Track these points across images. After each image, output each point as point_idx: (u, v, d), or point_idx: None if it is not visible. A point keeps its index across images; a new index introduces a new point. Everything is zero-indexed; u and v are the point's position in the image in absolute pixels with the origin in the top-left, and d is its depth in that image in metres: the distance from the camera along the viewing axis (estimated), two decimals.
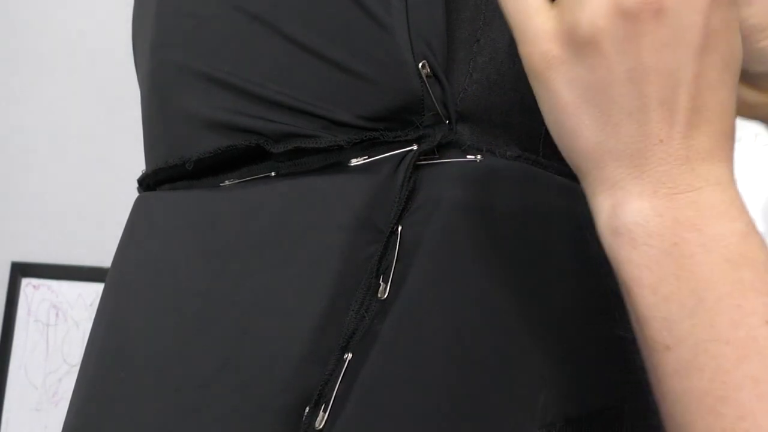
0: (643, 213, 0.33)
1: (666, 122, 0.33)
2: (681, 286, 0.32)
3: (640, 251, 0.33)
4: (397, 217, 0.42)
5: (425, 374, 0.41)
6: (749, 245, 0.33)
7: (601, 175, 0.35)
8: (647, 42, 0.32)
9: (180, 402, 0.43)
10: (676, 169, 0.33)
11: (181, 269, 0.46)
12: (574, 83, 0.34)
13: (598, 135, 0.34)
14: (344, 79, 0.43)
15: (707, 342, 0.32)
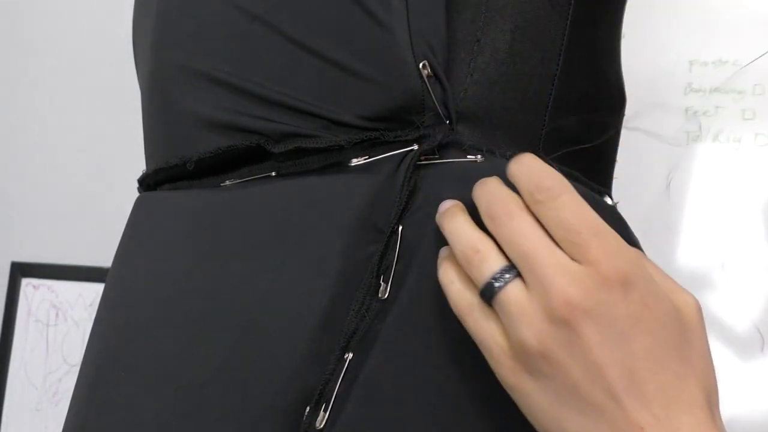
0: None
1: (639, 408, 0.34)
2: None
3: None
4: (398, 217, 0.42)
5: (425, 374, 0.41)
6: None
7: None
8: (587, 341, 0.34)
9: (180, 402, 0.43)
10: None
11: (181, 269, 0.46)
12: (545, 390, 0.36)
13: (584, 429, 0.35)
14: (345, 79, 0.43)
15: None
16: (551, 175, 0.37)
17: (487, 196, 0.38)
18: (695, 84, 1.35)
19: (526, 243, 0.36)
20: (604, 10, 0.49)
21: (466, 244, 0.38)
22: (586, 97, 0.47)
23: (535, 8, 0.45)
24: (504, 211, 0.37)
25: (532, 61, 0.45)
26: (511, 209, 0.37)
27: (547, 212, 0.36)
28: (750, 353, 1.27)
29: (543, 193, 0.36)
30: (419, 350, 0.41)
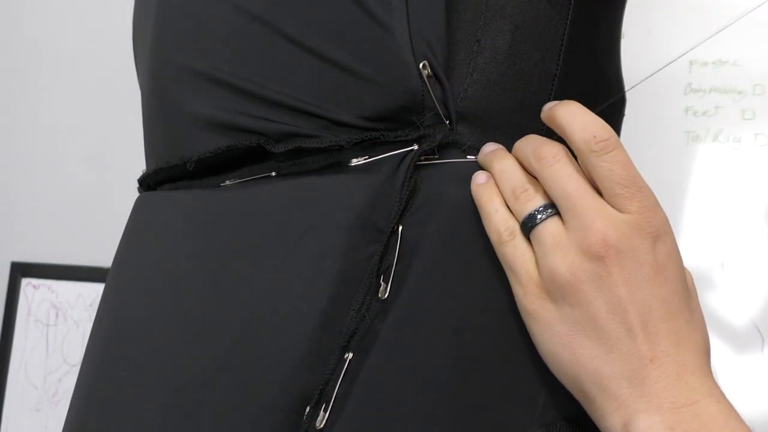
0: (654, 427, 0.36)
1: (651, 344, 0.37)
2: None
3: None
4: (398, 217, 0.42)
5: (425, 373, 0.41)
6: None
7: (605, 397, 0.38)
8: (615, 278, 0.38)
9: (180, 401, 0.43)
10: (671, 384, 0.37)
11: (181, 269, 0.46)
12: (564, 318, 0.39)
13: (594, 362, 0.38)
14: (345, 79, 0.43)
15: None
16: (606, 127, 0.40)
17: (533, 141, 0.42)
18: (695, 84, 1.35)
19: (571, 184, 0.39)
20: (604, 10, 0.49)
21: (517, 181, 0.42)
22: (586, 96, 0.47)
23: (535, 8, 0.45)
24: (551, 153, 0.41)
25: (532, 61, 0.45)
26: (557, 152, 0.41)
27: (599, 162, 0.39)
28: (750, 352, 1.27)
29: (600, 144, 0.39)
30: (419, 350, 0.41)
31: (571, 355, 0.38)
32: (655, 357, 0.37)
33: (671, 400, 0.36)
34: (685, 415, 0.36)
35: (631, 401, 0.37)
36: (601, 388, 0.38)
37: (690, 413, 0.36)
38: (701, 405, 0.36)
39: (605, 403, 0.38)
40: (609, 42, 0.50)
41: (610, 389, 0.38)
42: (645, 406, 0.37)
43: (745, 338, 1.27)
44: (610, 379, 0.38)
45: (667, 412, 0.36)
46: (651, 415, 0.36)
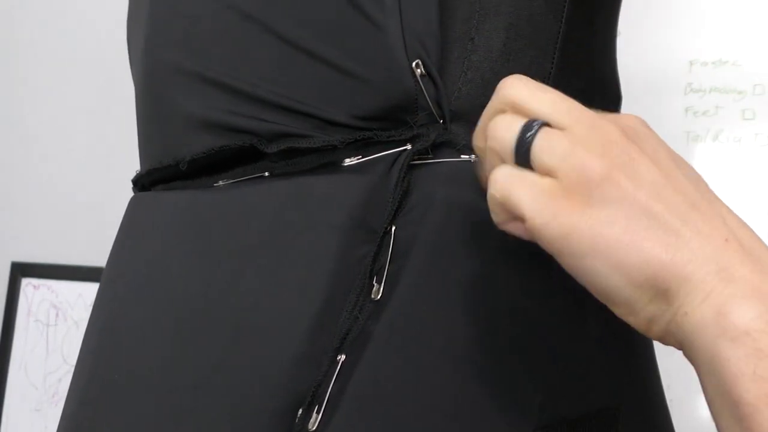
0: (757, 312, 0.31)
1: (713, 225, 0.33)
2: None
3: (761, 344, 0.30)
4: (391, 217, 0.42)
5: (419, 375, 0.40)
6: None
7: (689, 288, 0.33)
8: (646, 160, 0.34)
9: (174, 403, 0.43)
10: (759, 267, 0.32)
11: (174, 270, 0.46)
12: (614, 218, 0.33)
13: (668, 251, 0.33)
14: (338, 78, 0.43)
15: None
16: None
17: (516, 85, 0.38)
18: (695, 84, 1.35)
19: (551, 92, 0.37)
20: (599, 8, 0.49)
21: (493, 126, 0.37)
22: (582, 95, 0.47)
23: (529, 6, 0.44)
24: (506, 84, 0.38)
25: (527, 59, 0.44)
26: (512, 81, 0.38)
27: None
28: None
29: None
30: (412, 351, 0.41)
31: (639, 254, 0.33)
32: (730, 234, 0.33)
33: (765, 275, 0.32)
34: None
35: (722, 287, 0.32)
36: (683, 280, 0.33)
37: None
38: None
39: (690, 296, 0.32)
40: (604, 39, 0.50)
41: (695, 276, 0.32)
42: (740, 290, 0.31)
43: None
44: (691, 267, 0.32)
45: (766, 297, 0.31)
46: (748, 299, 0.31)
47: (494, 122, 0.37)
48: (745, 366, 0.30)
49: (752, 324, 0.31)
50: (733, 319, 0.31)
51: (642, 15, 1.34)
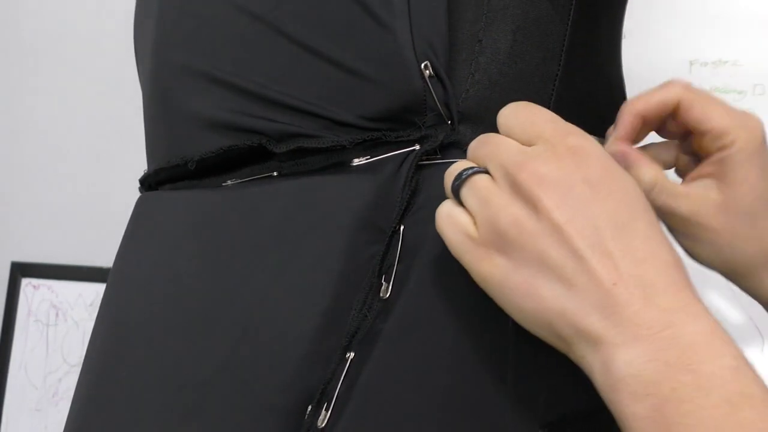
0: (634, 363, 0.33)
1: (609, 265, 0.35)
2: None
3: (643, 404, 0.33)
4: (399, 216, 0.42)
5: (427, 373, 0.41)
6: (743, 380, 0.33)
7: (580, 336, 0.35)
8: (550, 206, 0.36)
9: (182, 401, 0.43)
10: (642, 309, 0.34)
11: (182, 269, 0.46)
12: (518, 266, 0.36)
13: (559, 301, 0.35)
14: (347, 79, 0.43)
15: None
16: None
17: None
18: (695, 84, 1.35)
19: (489, 145, 0.39)
20: (605, 11, 0.49)
21: (447, 173, 0.40)
22: (588, 97, 0.47)
23: (536, 9, 0.45)
24: (476, 141, 0.41)
25: (534, 62, 0.45)
26: (480, 137, 0.41)
27: (501, 121, 0.40)
28: (750, 352, 1.27)
29: (502, 114, 0.41)
30: (420, 349, 0.41)
31: (536, 302, 0.36)
32: (619, 280, 0.34)
33: (646, 327, 0.33)
34: (663, 342, 0.33)
35: (606, 336, 0.34)
36: (574, 329, 0.35)
37: (668, 339, 0.33)
38: (678, 327, 0.33)
39: (582, 344, 0.35)
40: (610, 42, 0.50)
41: (582, 326, 0.35)
42: (621, 338, 0.34)
43: (745, 338, 1.27)
44: (580, 315, 0.35)
45: (644, 341, 0.33)
46: (629, 348, 0.33)
47: (449, 170, 0.40)
48: (627, 409, 0.33)
49: (625, 370, 0.33)
50: (612, 369, 0.34)
51: (642, 15, 1.34)
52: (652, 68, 1.40)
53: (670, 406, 0.32)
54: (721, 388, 0.32)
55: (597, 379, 0.35)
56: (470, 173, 0.39)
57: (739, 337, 1.27)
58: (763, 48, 1.32)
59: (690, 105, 0.43)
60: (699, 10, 1.35)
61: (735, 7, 1.34)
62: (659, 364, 0.33)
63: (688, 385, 0.32)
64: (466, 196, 0.38)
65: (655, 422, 0.33)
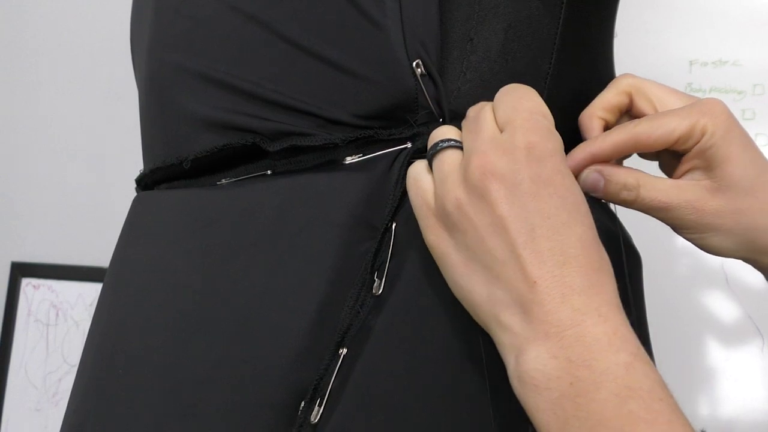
0: (540, 358, 0.35)
1: (535, 264, 0.36)
2: (582, 427, 0.34)
3: (544, 396, 0.35)
4: (392, 213, 0.42)
5: (419, 368, 0.41)
6: (633, 376, 0.34)
7: (499, 326, 0.37)
8: (494, 198, 0.37)
9: (178, 398, 0.43)
10: (556, 307, 0.35)
11: (178, 267, 0.47)
12: (458, 247, 0.39)
13: (487, 287, 0.37)
14: (339, 77, 0.43)
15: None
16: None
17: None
18: (695, 84, 1.35)
19: (476, 121, 0.40)
20: (596, 9, 0.49)
21: (435, 132, 0.42)
22: (579, 95, 0.47)
23: (527, 7, 0.45)
24: (473, 108, 0.42)
25: (525, 60, 0.45)
26: (477, 108, 0.42)
27: (496, 103, 0.41)
28: (750, 352, 1.27)
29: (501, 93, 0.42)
30: (413, 345, 0.41)
31: (468, 283, 0.38)
32: (540, 278, 0.36)
33: (556, 325, 0.35)
34: (569, 340, 0.35)
35: (521, 330, 0.36)
36: (494, 317, 0.37)
37: (574, 337, 0.35)
38: (585, 327, 0.35)
39: (502, 335, 0.37)
40: (602, 40, 0.50)
41: (501, 317, 0.37)
42: (533, 334, 0.36)
43: (745, 338, 1.27)
44: (502, 305, 0.37)
45: (552, 338, 0.35)
46: (538, 344, 0.35)
47: (440, 127, 0.42)
48: (531, 401, 0.36)
49: (531, 364, 0.35)
50: (521, 362, 0.36)
51: (642, 15, 1.35)
52: (652, 68, 1.40)
53: (568, 400, 0.34)
54: (612, 382, 0.34)
55: (509, 369, 0.37)
56: (444, 146, 0.40)
57: (739, 336, 1.27)
58: (763, 48, 1.32)
59: (641, 89, 0.45)
60: (699, 10, 1.35)
61: (735, 7, 1.34)
62: (562, 360, 0.35)
63: (584, 380, 0.34)
64: (434, 168, 0.41)
65: (554, 414, 0.34)
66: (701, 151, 0.43)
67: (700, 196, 0.43)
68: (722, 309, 1.28)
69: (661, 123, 0.42)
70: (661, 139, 0.43)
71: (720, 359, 1.26)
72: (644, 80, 0.46)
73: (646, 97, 0.45)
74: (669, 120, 0.43)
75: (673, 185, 0.43)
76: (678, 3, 1.37)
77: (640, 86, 0.46)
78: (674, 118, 0.43)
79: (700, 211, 0.43)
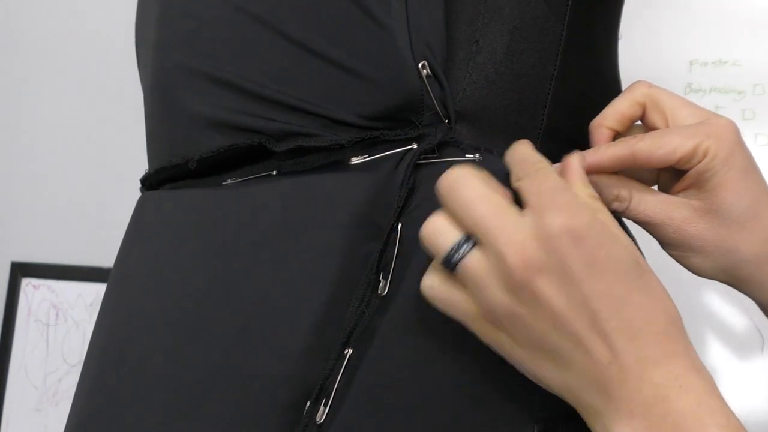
0: (629, 428, 0.35)
1: (605, 345, 0.36)
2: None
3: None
4: (397, 214, 0.42)
5: (424, 368, 0.41)
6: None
7: (582, 407, 0.37)
8: (546, 294, 0.36)
9: (182, 397, 0.43)
10: (636, 385, 0.35)
11: (183, 267, 0.47)
12: (519, 343, 0.38)
13: (561, 376, 0.37)
14: (345, 78, 0.43)
15: None
16: (530, 156, 0.40)
17: (445, 178, 0.39)
18: (695, 84, 1.35)
19: (477, 208, 0.37)
20: (601, 11, 0.49)
21: (427, 227, 0.39)
22: (584, 97, 0.47)
23: (532, 9, 0.45)
24: (450, 178, 0.38)
25: (530, 62, 0.45)
26: (458, 176, 0.38)
27: (518, 183, 0.39)
28: (750, 353, 1.28)
29: (524, 167, 0.39)
30: (418, 345, 0.41)
31: (538, 374, 0.38)
32: (614, 358, 0.36)
33: (640, 404, 0.35)
34: (656, 417, 0.35)
35: (604, 409, 0.36)
36: (575, 401, 0.37)
37: (660, 414, 0.35)
38: (670, 402, 0.35)
39: (584, 413, 0.38)
40: (606, 42, 0.51)
41: (582, 400, 0.37)
42: (616, 414, 0.36)
43: (745, 338, 1.28)
44: (580, 391, 0.37)
45: (638, 417, 0.35)
46: (625, 423, 0.35)
47: (433, 224, 0.39)
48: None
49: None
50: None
51: (642, 15, 1.35)
52: (652, 68, 1.40)
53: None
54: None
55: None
56: (460, 257, 0.37)
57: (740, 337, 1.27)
58: (763, 48, 1.32)
59: (655, 100, 0.45)
60: (699, 10, 1.35)
61: (735, 7, 1.34)
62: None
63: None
64: (463, 275, 0.38)
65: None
66: (699, 173, 0.42)
67: (686, 216, 0.43)
68: (722, 309, 1.28)
69: (664, 143, 0.42)
70: (661, 159, 0.42)
71: (720, 360, 1.26)
72: (659, 90, 0.45)
73: (660, 110, 0.45)
74: (672, 139, 0.42)
75: (663, 201, 0.43)
76: (678, 3, 1.37)
77: (655, 97, 0.45)
78: (678, 137, 0.42)
79: (682, 231, 0.43)
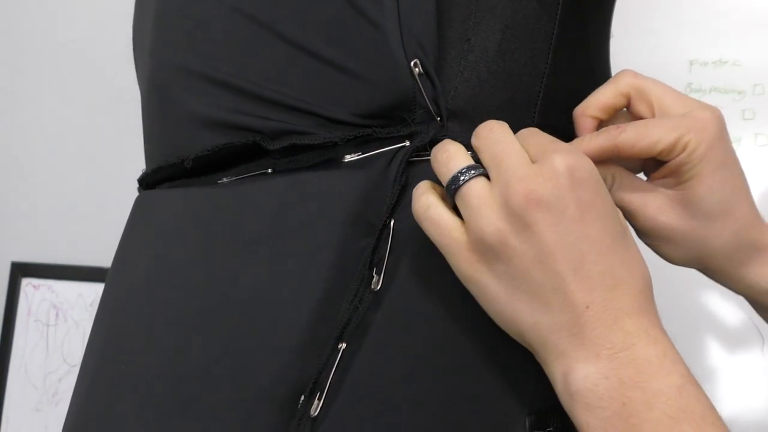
0: (591, 377, 0.36)
1: (585, 290, 0.37)
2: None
3: (596, 414, 0.36)
4: (390, 211, 0.43)
5: (417, 362, 0.41)
6: (686, 398, 0.35)
7: (547, 348, 0.38)
8: (541, 227, 0.37)
9: (179, 392, 0.44)
10: (608, 330, 0.37)
11: (180, 264, 0.47)
12: (500, 278, 0.38)
13: (533, 315, 0.38)
14: (339, 77, 0.44)
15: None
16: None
17: (488, 122, 0.41)
18: (695, 84, 1.35)
19: (498, 145, 0.39)
20: (593, 9, 0.49)
21: (438, 148, 0.41)
22: (575, 94, 0.47)
23: (524, 8, 0.45)
24: (486, 127, 0.41)
25: (522, 60, 0.45)
26: (492, 125, 0.41)
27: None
28: (750, 353, 1.27)
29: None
30: (411, 340, 0.42)
31: (512, 312, 0.38)
32: (591, 303, 0.37)
33: (608, 347, 0.36)
34: (621, 361, 0.36)
35: (570, 350, 0.37)
36: (541, 341, 0.38)
37: (626, 358, 0.36)
38: (637, 348, 0.36)
39: (547, 354, 0.38)
40: (598, 40, 0.51)
41: (549, 340, 0.38)
42: (584, 354, 0.37)
43: (745, 338, 1.27)
44: (549, 330, 0.37)
45: (604, 360, 0.36)
46: (588, 364, 0.36)
47: (448, 149, 0.41)
48: (582, 418, 0.37)
49: (582, 383, 0.36)
50: (570, 380, 0.37)
51: (642, 15, 1.35)
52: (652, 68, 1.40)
53: (620, 420, 0.35)
54: (665, 404, 0.35)
55: (556, 386, 0.38)
56: (469, 177, 0.39)
57: (739, 337, 1.27)
58: (763, 48, 1.32)
59: (641, 91, 0.45)
60: (699, 10, 1.35)
61: (735, 7, 1.34)
62: (614, 381, 0.36)
63: (636, 400, 0.35)
64: (462, 200, 0.39)
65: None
66: (678, 165, 0.43)
67: (659, 205, 0.44)
68: (722, 309, 1.28)
69: (646, 134, 0.43)
70: (643, 151, 0.43)
71: (720, 359, 1.26)
72: (645, 80, 0.46)
73: (646, 100, 0.45)
74: (654, 131, 0.43)
75: (639, 188, 0.44)
76: (678, 3, 1.37)
77: (641, 87, 0.45)
78: (660, 129, 0.43)
79: (653, 220, 0.44)
